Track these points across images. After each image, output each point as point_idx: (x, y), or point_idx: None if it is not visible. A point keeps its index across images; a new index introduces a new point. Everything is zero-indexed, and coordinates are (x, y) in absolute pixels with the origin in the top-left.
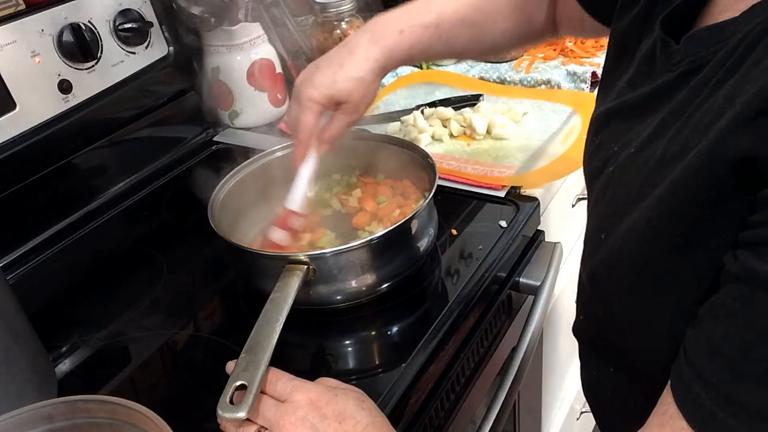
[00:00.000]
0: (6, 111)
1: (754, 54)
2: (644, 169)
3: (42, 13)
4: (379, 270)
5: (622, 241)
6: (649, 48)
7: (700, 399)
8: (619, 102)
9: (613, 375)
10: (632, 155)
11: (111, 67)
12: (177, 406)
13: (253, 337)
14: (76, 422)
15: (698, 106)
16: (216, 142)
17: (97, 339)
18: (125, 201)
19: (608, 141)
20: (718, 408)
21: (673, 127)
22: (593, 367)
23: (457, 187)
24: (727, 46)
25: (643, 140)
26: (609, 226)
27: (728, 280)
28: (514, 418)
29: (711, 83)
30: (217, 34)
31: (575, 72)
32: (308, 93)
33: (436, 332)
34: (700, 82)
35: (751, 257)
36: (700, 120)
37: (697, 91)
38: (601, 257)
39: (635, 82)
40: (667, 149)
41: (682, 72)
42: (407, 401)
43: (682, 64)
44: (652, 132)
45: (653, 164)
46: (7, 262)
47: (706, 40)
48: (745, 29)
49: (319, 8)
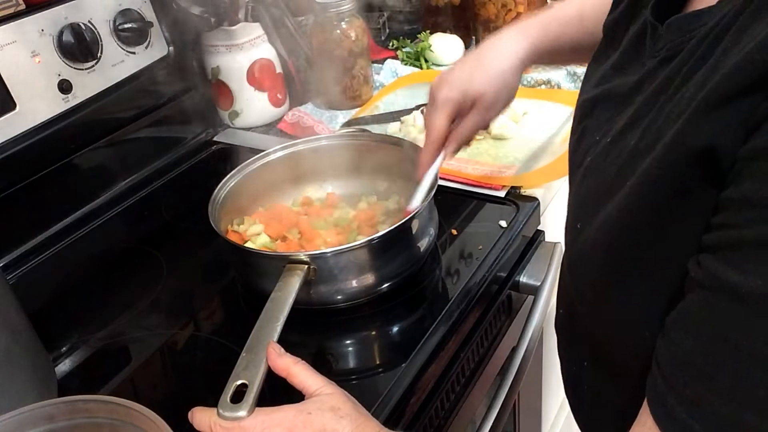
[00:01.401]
0: (6, 111)
1: (724, 42)
2: (618, 159)
3: (42, 13)
4: (380, 270)
5: (596, 232)
6: (637, 32)
7: (675, 411)
8: (604, 89)
9: (589, 370)
10: (608, 145)
11: (111, 67)
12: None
13: (253, 336)
14: (76, 422)
15: (671, 96)
16: (216, 142)
17: (97, 339)
18: (125, 201)
19: (591, 130)
20: (693, 420)
21: (647, 116)
22: (571, 361)
23: (457, 187)
24: (699, 34)
25: (619, 130)
26: (584, 216)
27: (693, 287)
28: (514, 418)
29: (683, 72)
30: (217, 34)
31: (575, 72)
32: (441, 92)
33: (436, 332)
34: (673, 70)
35: (715, 263)
36: (671, 110)
37: (670, 80)
38: (577, 248)
39: (620, 66)
40: (640, 140)
41: (661, 59)
42: (407, 401)
43: (662, 50)
44: (628, 121)
45: (627, 154)
46: (7, 262)
47: (683, 26)
48: (718, 16)
49: (319, 8)
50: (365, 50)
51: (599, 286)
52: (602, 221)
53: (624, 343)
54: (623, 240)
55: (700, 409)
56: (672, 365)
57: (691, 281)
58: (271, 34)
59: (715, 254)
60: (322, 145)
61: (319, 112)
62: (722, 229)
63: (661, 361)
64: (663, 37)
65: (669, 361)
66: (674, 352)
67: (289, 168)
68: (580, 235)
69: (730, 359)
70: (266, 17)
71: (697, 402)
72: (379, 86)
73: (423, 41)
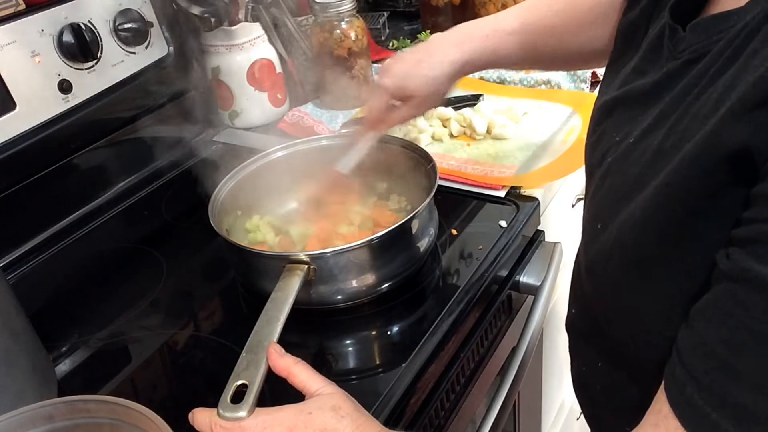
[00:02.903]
0: (6, 111)
1: (753, 43)
2: (642, 159)
3: (42, 13)
4: (380, 270)
5: (618, 232)
6: (656, 34)
7: (693, 400)
8: (624, 91)
9: (603, 369)
10: (631, 145)
11: (111, 67)
12: (177, 406)
13: (253, 336)
14: (76, 422)
15: (697, 95)
16: (216, 142)
17: (97, 339)
18: (125, 201)
19: (610, 131)
20: (711, 409)
21: (672, 116)
22: (583, 361)
23: (457, 187)
24: (728, 36)
25: (643, 130)
26: (606, 216)
27: (720, 279)
28: (514, 418)
29: (710, 73)
30: (217, 34)
31: (575, 72)
32: (383, 80)
33: (436, 332)
34: (700, 72)
35: (743, 256)
36: (698, 110)
37: (696, 81)
38: (597, 248)
39: (641, 69)
40: (665, 139)
41: (685, 60)
42: (407, 401)
43: (686, 52)
44: (652, 122)
45: (651, 154)
46: (7, 262)
47: (710, 28)
48: (746, 18)
49: (319, 8)
50: (365, 50)
51: (620, 285)
52: (625, 221)
53: (643, 341)
54: (647, 239)
55: (720, 398)
56: (693, 354)
57: (719, 273)
58: (271, 34)
59: (744, 248)
60: (322, 145)
61: (319, 112)
62: (752, 223)
63: (683, 350)
64: (686, 39)
65: (691, 351)
66: (697, 341)
67: (289, 168)
68: (600, 235)
69: (752, 350)
70: (266, 17)
71: (716, 391)
72: None
73: (423, 41)
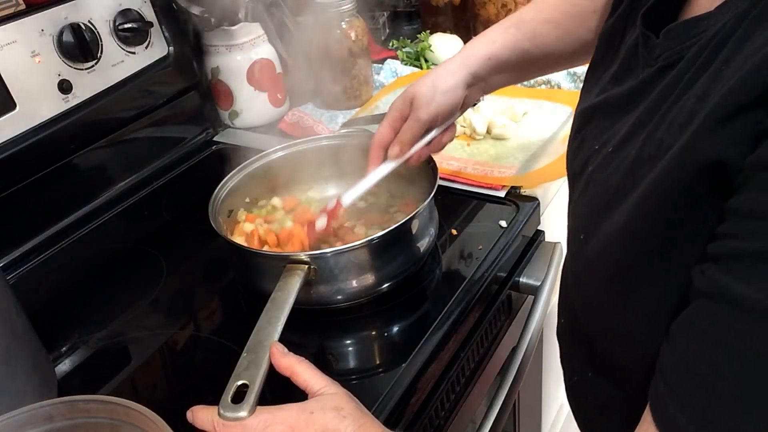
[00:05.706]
0: (6, 111)
1: (725, 51)
2: (621, 168)
3: (42, 13)
4: (380, 270)
5: (602, 244)
6: (632, 42)
7: (677, 418)
8: (602, 98)
9: (593, 380)
10: (610, 154)
11: (111, 67)
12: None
13: (254, 336)
14: (76, 422)
15: (672, 104)
16: (216, 142)
17: (97, 339)
18: (125, 201)
19: (590, 139)
20: (695, 428)
21: (649, 125)
22: (574, 371)
23: (457, 187)
24: (700, 42)
25: (621, 138)
26: (589, 227)
27: (697, 295)
28: (514, 418)
29: (684, 79)
30: (217, 34)
31: (575, 72)
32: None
33: (436, 332)
34: (674, 78)
35: (718, 273)
36: (674, 119)
37: (671, 88)
38: (582, 259)
39: (618, 77)
40: (642, 148)
41: (659, 67)
42: (407, 401)
43: (660, 58)
44: (629, 130)
45: (629, 164)
46: (7, 262)
47: (683, 34)
48: (718, 24)
49: (319, 8)
50: (365, 50)
51: (606, 297)
52: (608, 232)
53: (630, 352)
54: (631, 251)
55: (702, 416)
56: (675, 372)
57: (695, 290)
58: (271, 34)
59: (718, 264)
60: (322, 145)
61: (319, 112)
62: (726, 238)
63: (664, 368)
64: (660, 45)
65: (672, 368)
66: (677, 359)
67: (289, 168)
68: (584, 247)
69: (731, 367)
70: (266, 17)
71: (698, 409)
72: (379, 86)
73: (423, 41)
